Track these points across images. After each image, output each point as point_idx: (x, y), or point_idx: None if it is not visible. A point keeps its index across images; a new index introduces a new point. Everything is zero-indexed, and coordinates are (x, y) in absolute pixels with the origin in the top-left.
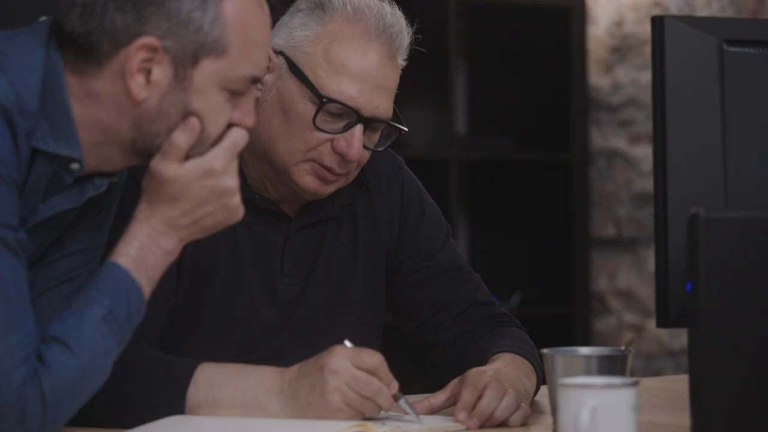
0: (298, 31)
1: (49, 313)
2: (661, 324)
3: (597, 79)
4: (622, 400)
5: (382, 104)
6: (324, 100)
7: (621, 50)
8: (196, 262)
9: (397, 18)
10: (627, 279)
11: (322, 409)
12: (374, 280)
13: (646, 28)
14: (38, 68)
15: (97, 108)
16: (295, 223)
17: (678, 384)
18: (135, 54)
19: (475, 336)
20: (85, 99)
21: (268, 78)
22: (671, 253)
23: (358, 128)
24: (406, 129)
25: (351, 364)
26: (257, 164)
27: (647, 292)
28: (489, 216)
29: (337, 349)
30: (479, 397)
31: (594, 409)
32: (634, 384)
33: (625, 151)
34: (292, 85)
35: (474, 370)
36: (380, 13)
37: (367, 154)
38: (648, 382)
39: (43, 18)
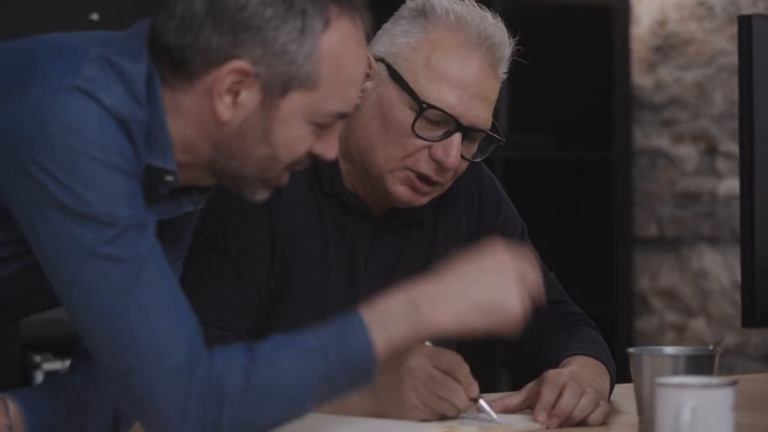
0: (399, 38)
1: None
2: (747, 324)
3: (639, 78)
4: (721, 400)
5: (481, 114)
6: (424, 105)
7: (664, 49)
8: (286, 256)
9: (499, 29)
10: (669, 278)
11: (399, 406)
12: None
13: (690, 27)
14: (143, 77)
15: (183, 123)
16: (382, 224)
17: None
18: (226, 76)
19: (547, 334)
20: (174, 113)
21: (368, 84)
22: (758, 253)
23: (457, 136)
24: (504, 141)
25: (429, 364)
26: (351, 169)
27: (689, 292)
28: (530, 214)
29: (417, 348)
30: (558, 397)
31: (694, 409)
32: (733, 384)
33: (668, 150)
34: (391, 91)
35: (551, 372)
36: (483, 23)
37: (464, 164)
38: None
39: (145, 20)
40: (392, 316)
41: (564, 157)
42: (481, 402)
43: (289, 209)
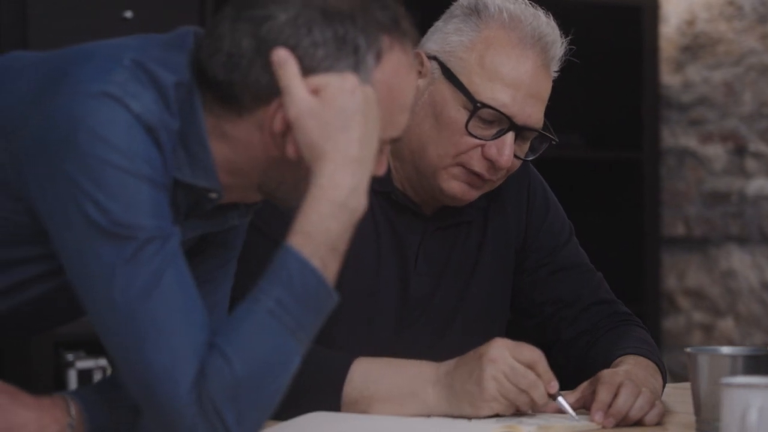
0: (452, 37)
1: None
2: None
3: (667, 77)
4: None
5: (534, 113)
6: (478, 105)
7: (692, 49)
8: None
9: (551, 28)
10: (697, 278)
11: (478, 397)
12: (499, 280)
13: (719, 27)
14: (178, 88)
15: (229, 150)
16: (431, 223)
17: None
18: (276, 112)
19: (597, 334)
20: (219, 139)
21: (420, 82)
22: None
23: (510, 136)
24: (556, 140)
25: (510, 356)
26: (401, 167)
27: (717, 292)
28: None
29: (498, 341)
30: (615, 396)
31: (761, 409)
32: None
33: (695, 150)
34: (444, 89)
35: (607, 371)
36: (536, 21)
37: (517, 163)
38: None
39: (186, 29)
40: (330, 229)
41: (593, 157)
42: (560, 399)
43: None
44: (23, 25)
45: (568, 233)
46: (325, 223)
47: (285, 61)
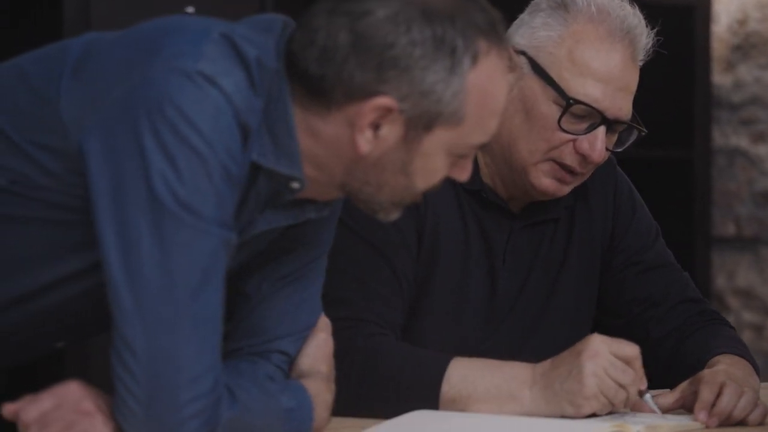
0: (540, 31)
1: (276, 314)
2: None
3: (718, 77)
4: None
5: (624, 106)
6: (571, 101)
7: (744, 48)
8: (431, 250)
9: (638, 20)
10: (747, 278)
11: (578, 395)
12: (586, 279)
13: None
14: (260, 65)
15: (315, 143)
16: (519, 220)
17: None
18: (369, 112)
19: (686, 333)
20: (305, 132)
21: (509, 77)
22: None
23: (601, 130)
24: (645, 131)
25: (609, 351)
26: (492, 163)
27: (767, 292)
28: None
29: (595, 336)
30: (717, 396)
31: None
32: None
33: (746, 149)
34: (534, 85)
35: (708, 371)
36: (623, 14)
37: (606, 155)
38: None
39: (274, 15)
40: None
41: (643, 156)
42: (647, 396)
43: (433, 204)
44: (86, 22)
45: (655, 233)
46: None
47: None
